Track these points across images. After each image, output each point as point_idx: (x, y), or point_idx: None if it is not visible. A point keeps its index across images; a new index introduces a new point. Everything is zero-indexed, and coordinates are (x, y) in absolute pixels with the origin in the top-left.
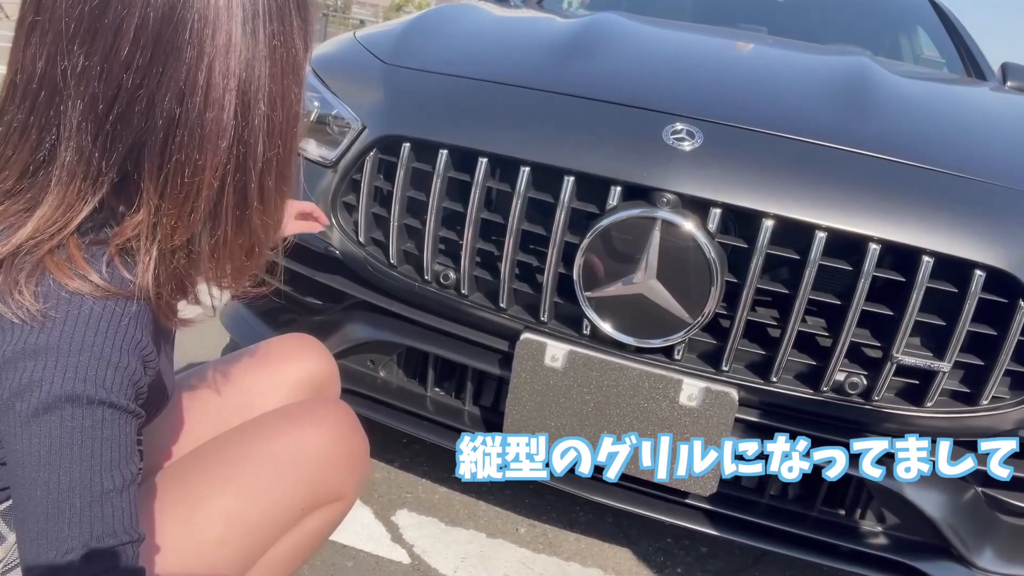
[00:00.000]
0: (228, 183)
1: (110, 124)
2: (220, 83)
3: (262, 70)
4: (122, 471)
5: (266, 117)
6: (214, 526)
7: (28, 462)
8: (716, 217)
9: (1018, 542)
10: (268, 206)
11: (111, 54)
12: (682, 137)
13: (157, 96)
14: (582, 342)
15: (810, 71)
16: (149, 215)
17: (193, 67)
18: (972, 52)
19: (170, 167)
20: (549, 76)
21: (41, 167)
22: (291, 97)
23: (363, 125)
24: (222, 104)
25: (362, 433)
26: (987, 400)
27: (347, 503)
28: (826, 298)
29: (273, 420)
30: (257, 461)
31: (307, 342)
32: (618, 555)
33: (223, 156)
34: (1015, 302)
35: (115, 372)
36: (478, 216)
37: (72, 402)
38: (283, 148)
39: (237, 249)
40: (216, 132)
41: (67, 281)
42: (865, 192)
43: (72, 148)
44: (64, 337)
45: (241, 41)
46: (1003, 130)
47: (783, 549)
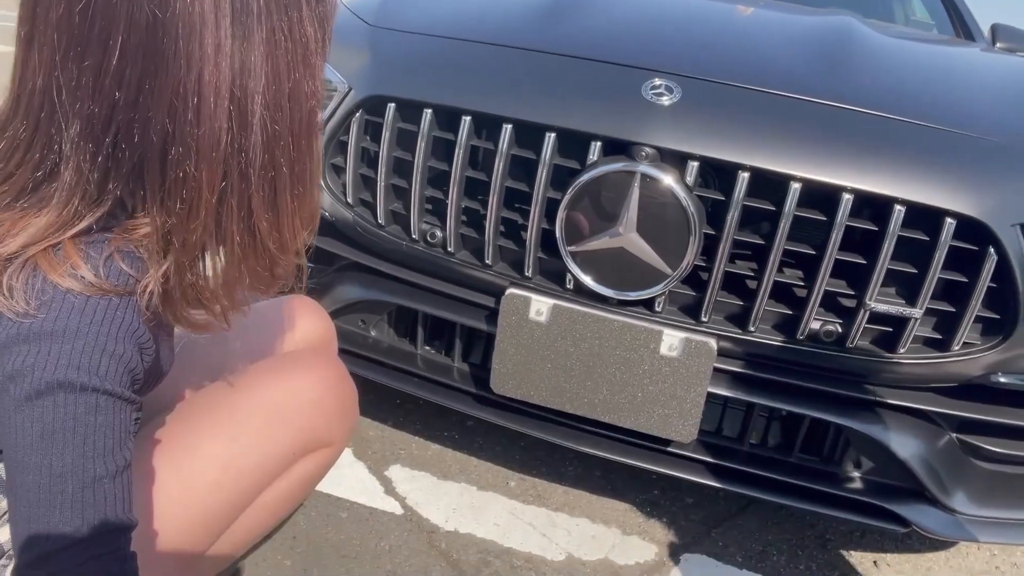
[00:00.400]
0: (228, 196)
1: (108, 144)
2: (211, 93)
3: (259, 73)
4: (115, 458)
5: (267, 123)
6: (208, 472)
7: (21, 445)
8: (694, 170)
9: (990, 486)
10: (280, 214)
11: (102, 69)
12: (661, 92)
13: (151, 111)
14: (565, 296)
15: (793, 29)
16: (156, 231)
17: (182, 78)
18: (962, 14)
19: (169, 183)
20: (531, 35)
21: (41, 184)
22: (301, 94)
23: (349, 87)
24: (214, 115)
25: (351, 382)
26: (959, 346)
27: (336, 449)
28: (802, 248)
29: (264, 370)
30: (249, 409)
31: (306, 303)
32: (605, 506)
33: (219, 169)
34: (985, 249)
35: (110, 360)
36: (463, 174)
37: (65, 388)
38: (294, 150)
39: (252, 260)
40: (210, 145)
41: (59, 280)
42: (839, 144)
43: (71, 168)
44: (59, 324)
45: (231, 45)
46: (983, 86)
47: (763, 494)
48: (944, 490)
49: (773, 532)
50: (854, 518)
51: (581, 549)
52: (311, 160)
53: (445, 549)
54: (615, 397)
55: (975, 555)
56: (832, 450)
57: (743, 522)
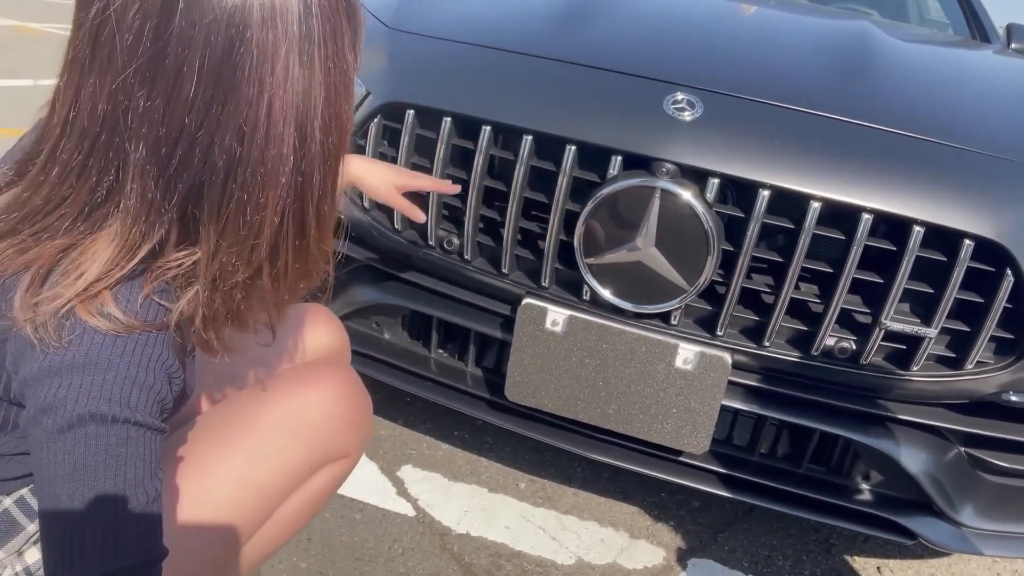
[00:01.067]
0: (287, 215)
1: (173, 167)
2: (280, 118)
3: (318, 97)
4: (146, 488)
5: (321, 144)
6: (225, 489)
7: (53, 477)
8: (714, 187)
9: (997, 499)
10: (325, 231)
11: (173, 95)
12: (682, 107)
13: (217, 136)
14: (582, 307)
15: (812, 38)
16: (208, 254)
17: (253, 104)
18: (978, 13)
19: (231, 206)
20: (552, 43)
21: (98, 207)
22: (344, 117)
23: (367, 91)
24: (283, 138)
25: (365, 393)
26: (972, 365)
27: (352, 460)
28: (819, 266)
29: (279, 384)
30: (265, 425)
31: (320, 312)
32: (614, 509)
33: (284, 191)
34: (1002, 271)
35: (140, 391)
36: (481, 183)
37: (96, 421)
38: (335, 169)
39: (295, 276)
40: (277, 168)
41: (88, 318)
42: (859, 163)
43: (136, 190)
44: (91, 356)
45: (298, 72)
46: (999, 97)
47: (772, 504)
48: (951, 503)
49: (779, 537)
50: (861, 529)
51: (590, 553)
52: (342, 176)
53: (457, 552)
54: (629, 408)
55: (977, 562)
56: (841, 462)
57: (749, 526)
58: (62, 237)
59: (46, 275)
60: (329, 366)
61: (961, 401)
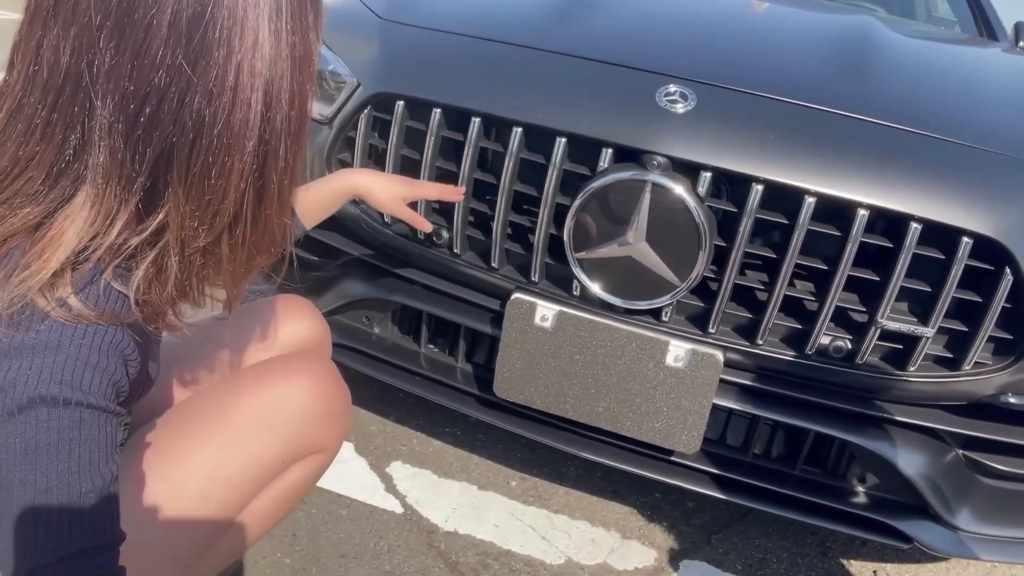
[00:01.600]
0: (249, 184)
1: (141, 125)
2: (248, 83)
3: (284, 68)
4: (101, 472)
5: (287, 116)
6: (196, 481)
7: (5, 461)
8: (706, 180)
9: (994, 503)
10: (284, 204)
11: (141, 51)
12: (675, 99)
13: (188, 96)
14: (571, 303)
15: (811, 32)
16: (177, 218)
17: (222, 67)
18: (985, 10)
19: (196, 169)
20: (544, 35)
21: (66, 169)
22: (305, 94)
23: (358, 82)
24: (249, 104)
25: (344, 386)
26: (969, 365)
27: (329, 455)
28: (813, 263)
29: (254, 375)
30: (238, 416)
31: (299, 303)
32: (606, 508)
33: (248, 157)
34: (1000, 269)
35: (93, 373)
36: (471, 176)
37: (48, 403)
38: (299, 145)
39: (252, 248)
40: (243, 133)
41: (43, 305)
42: (856, 157)
43: (104, 149)
44: (41, 337)
45: (266, 40)
46: (1005, 96)
47: (766, 507)
48: (948, 507)
49: (773, 539)
50: (857, 533)
51: (580, 553)
52: (303, 155)
53: (444, 550)
54: (619, 406)
55: (975, 567)
56: (836, 464)
57: (744, 528)
58: (31, 205)
59: (8, 258)
60: (307, 358)
61: (959, 403)
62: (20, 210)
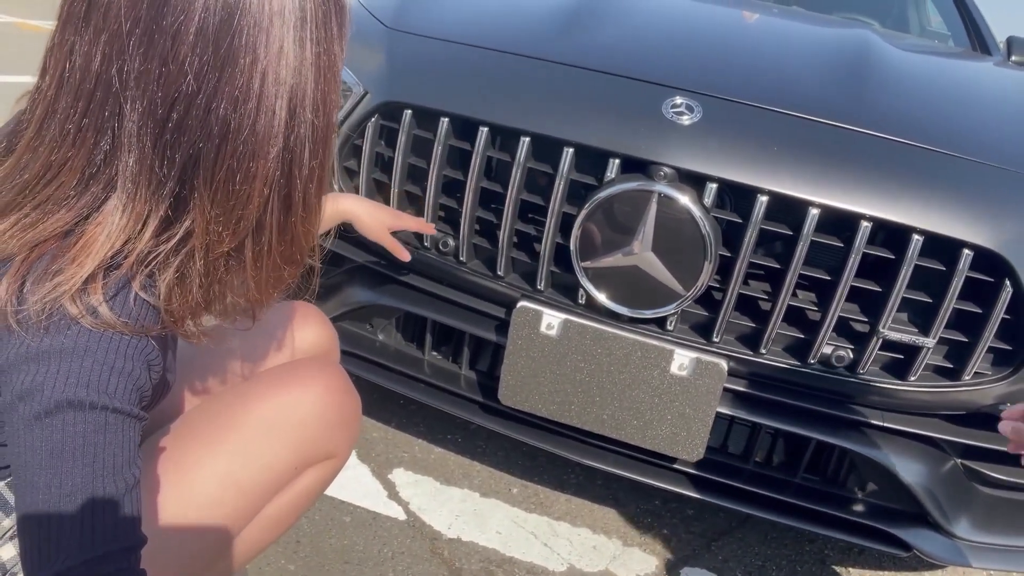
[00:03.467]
0: (274, 191)
1: (169, 130)
2: (272, 90)
3: (308, 77)
4: (124, 475)
5: (311, 124)
6: (208, 488)
7: (30, 464)
8: (712, 192)
9: (992, 512)
10: (310, 213)
11: (169, 57)
12: (681, 111)
13: (214, 102)
14: (577, 311)
15: (813, 45)
16: (203, 225)
17: (248, 74)
18: (978, 24)
19: (221, 175)
20: (551, 46)
21: (97, 174)
22: (331, 103)
23: (365, 90)
24: (274, 111)
25: (354, 393)
26: (969, 376)
27: (340, 461)
28: (817, 273)
29: (265, 382)
30: (250, 423)
31: (308, 310)
32: (607, 515)
33: (272, 164)
34: (1000, 281)
35: (119, 378)
36: (478, 185)
37: (74, 407)
38: (324, 154)
39: (278, 258)
40: (268, 139)
41: (72, 311)
42: (858, 170)
43: (134, 154)
44: (68, 342)
45: (291, 48)
46: (1000, 108)
47: (766, 514)
48: (946, 516)
49: (772, 547)
50: (856, 540)
51: (582, 560)
52: (330, 164)
53: (448, 557)
54: (623, 414)
55: (973, 574)
56: (836, 471)
57: (743, 535)
58: (63, 210)
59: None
60: (317, 365)
61: (958, 412)
62: (52, 215)
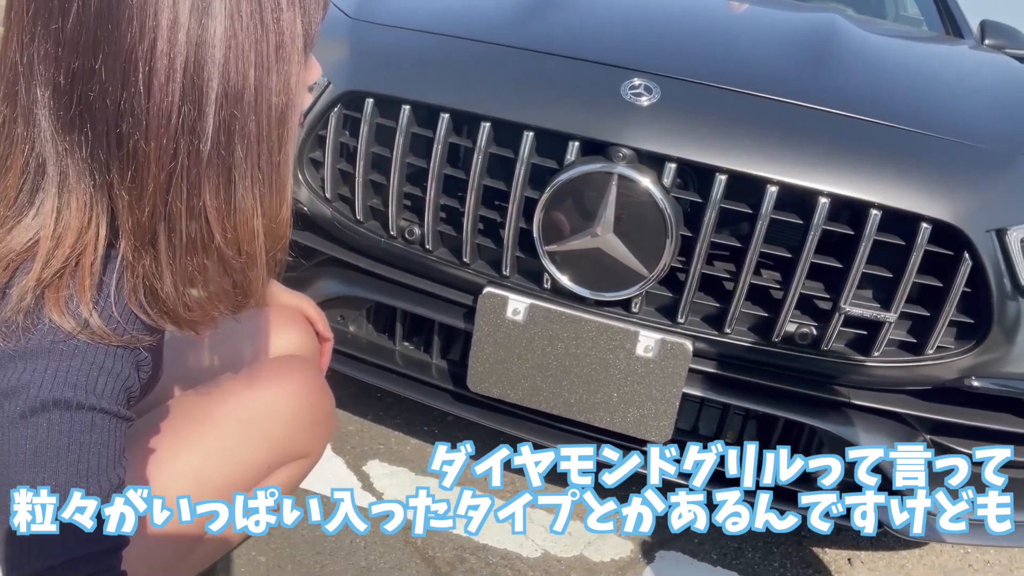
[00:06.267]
0: (179, 177)
1: (78, 114)
2: (163, 65)
3: (217, 52)
4: (109, 476)
5: (224, 107)
6: (180, 484)
7: (13, 463)
8: (671, 172)
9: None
10: (235, 210)
11: (60, 36)
12: (640, 92)
13: (106, 81)
14: (543, 296)
15: (775, 27)
16: (124, 213)
17: (134, 47)
18: (952, 10)
19: (123, 156)
20: (510, 31)
21: (38, 168)
22: (268, 88)
23: (328, 81)
24: (166, 88)
25: (328, 392)
26: (932, 350)
27: (312, 460)
28: (778, 251)
29: (239, 379)
30: (223, 421)
31: (295, 314)
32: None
33: (170, 145)
34: (960, 254)
35: (107, 378)
36: (441, 171)
37: (61, 406)
38: (257, 144)
39: (206, 256)
40: (159, 119)
41: (57, 317)
42: (816, 147)
43: (59, 142)
44: (57, 341)
45: (189, 20)
46: (965, 87)
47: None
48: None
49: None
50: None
51: (557, 546)
52: (280, 162)
53: (421, 546)
54: (591, 397)
55: (948, 553)
56: (806, 450)
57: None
58: (16, 217)
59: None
60: (293, 363)
61: (924, 387)
62: (12, 226)
